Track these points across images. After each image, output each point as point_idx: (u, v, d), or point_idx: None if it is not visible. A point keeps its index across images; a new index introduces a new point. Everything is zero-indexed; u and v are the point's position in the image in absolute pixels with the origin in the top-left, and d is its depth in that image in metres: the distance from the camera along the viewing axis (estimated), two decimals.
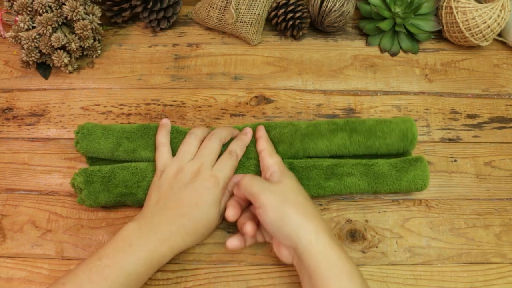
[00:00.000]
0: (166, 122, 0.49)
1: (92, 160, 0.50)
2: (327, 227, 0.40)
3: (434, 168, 0.52)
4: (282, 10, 0.61)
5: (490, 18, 0.57)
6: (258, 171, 0.47)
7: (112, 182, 0.46)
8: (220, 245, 0.47)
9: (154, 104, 0.57)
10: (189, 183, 0.43)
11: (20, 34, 0.55)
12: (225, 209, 0.45)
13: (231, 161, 0.46)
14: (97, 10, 0.59)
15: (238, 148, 0.47)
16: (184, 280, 0.45)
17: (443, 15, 0.61)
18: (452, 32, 0.61)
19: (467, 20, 0.58)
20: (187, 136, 0.48)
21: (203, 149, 0.46)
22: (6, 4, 0.56)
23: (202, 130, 0.48)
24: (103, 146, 0.47)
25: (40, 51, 0.57)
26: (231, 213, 0.43)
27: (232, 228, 0.48)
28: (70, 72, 0.60)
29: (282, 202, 0.40)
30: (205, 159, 0.45)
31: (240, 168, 0.47)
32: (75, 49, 0.58)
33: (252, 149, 0.48)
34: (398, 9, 0.62)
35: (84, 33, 0.57)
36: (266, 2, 0.61)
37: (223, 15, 0.61)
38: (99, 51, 0.61)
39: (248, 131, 0.49)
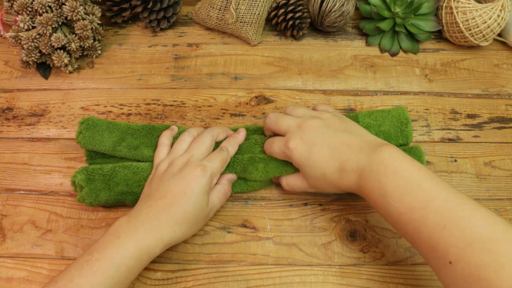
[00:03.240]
0: (174, 128, 0.50)
1: (92, 157, 0.50)
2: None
3: (434, 168, 0.52)
4: (282, 10, 0.61)
5: (490, 18, 0.57)
6: (251, 165, 0.47)
7: (113, 181, 0.46)
8: (220, 245, 0.47)
9: (154, 104, 0.57)
10: (177, 173, 0.43)
11: (20, 34, 0.55)
12: (215, 203, 0.45)
13: (221, 155, 0.46)
14: (97, 10, 0.59)
15: (230, 145, 0.47)
16: (184, 280, 0.45)
17: (443, 15, 0.61)
18: (452, 32, 0.61)
19: (467, 20, 0.58)
20: (181, 134, 0.48)
21: (194, 143, 0.47)
22: (6, 4, 0.56)
23: (197, 129, 0.49)
24: (106, 138, 0.47)
25: (40, 51, 0.57)
26: None
27: (232, 228, 0.48)
28: (70, 72, 0.60)
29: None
30: (195, 151, 0.45)
31: (232, 164, 0.47)
32: (75, 49, 0.58)
33: (244, 146, 0.48)
34: (398, 9, 0.62)
35: (84, 33, 0.57)
36: (266, 2, 0.61)
37: (223, 15, 0.61)
38: (99, 51, 0.61)
39: (242, 130, 0.50)
